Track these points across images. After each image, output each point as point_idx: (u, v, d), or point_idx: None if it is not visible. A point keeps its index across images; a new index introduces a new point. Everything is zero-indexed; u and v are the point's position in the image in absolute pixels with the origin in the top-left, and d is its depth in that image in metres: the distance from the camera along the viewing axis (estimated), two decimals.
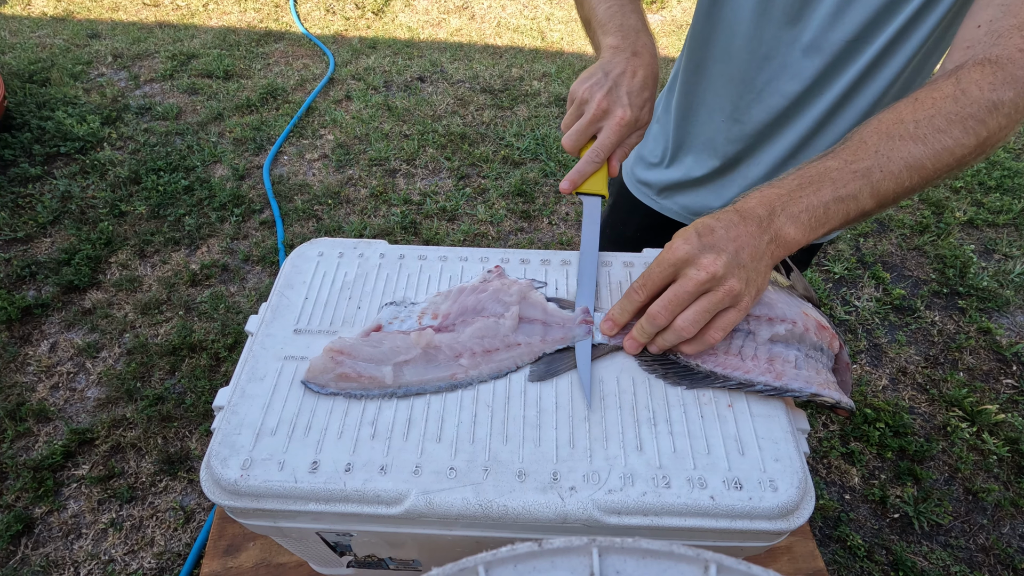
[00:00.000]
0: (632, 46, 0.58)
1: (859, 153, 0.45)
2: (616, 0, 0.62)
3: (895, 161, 0.45)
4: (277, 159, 2.40)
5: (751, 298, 0.45)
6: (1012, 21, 0.46)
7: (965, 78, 0.45)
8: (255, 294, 1.85)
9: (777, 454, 0.43)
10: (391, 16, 3.49)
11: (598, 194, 0.59)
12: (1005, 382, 1.70)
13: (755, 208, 0.45)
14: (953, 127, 0.44)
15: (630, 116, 0.56)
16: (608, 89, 0.56)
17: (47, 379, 1.60)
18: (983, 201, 2.28)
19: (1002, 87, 0.44)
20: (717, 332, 0.45)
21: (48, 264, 1.87)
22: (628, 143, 0.59)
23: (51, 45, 2.98)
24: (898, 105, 0.47)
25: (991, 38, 0.46)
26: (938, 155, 0.45)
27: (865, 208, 0.46)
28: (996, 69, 0.45)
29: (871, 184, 0.45)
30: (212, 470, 0.42)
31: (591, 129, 0.58)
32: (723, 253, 0.43)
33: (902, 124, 0.45)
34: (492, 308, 0.50)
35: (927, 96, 0.46)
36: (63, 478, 1.41)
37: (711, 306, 0.44)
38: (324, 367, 0.46)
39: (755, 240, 0.44)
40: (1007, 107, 0.44)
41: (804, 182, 0.45)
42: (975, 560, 1.35)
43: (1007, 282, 1.97)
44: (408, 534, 0.44)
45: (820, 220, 0.45)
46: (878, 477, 1.48)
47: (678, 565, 0.24)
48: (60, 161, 2.27)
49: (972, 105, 0.44)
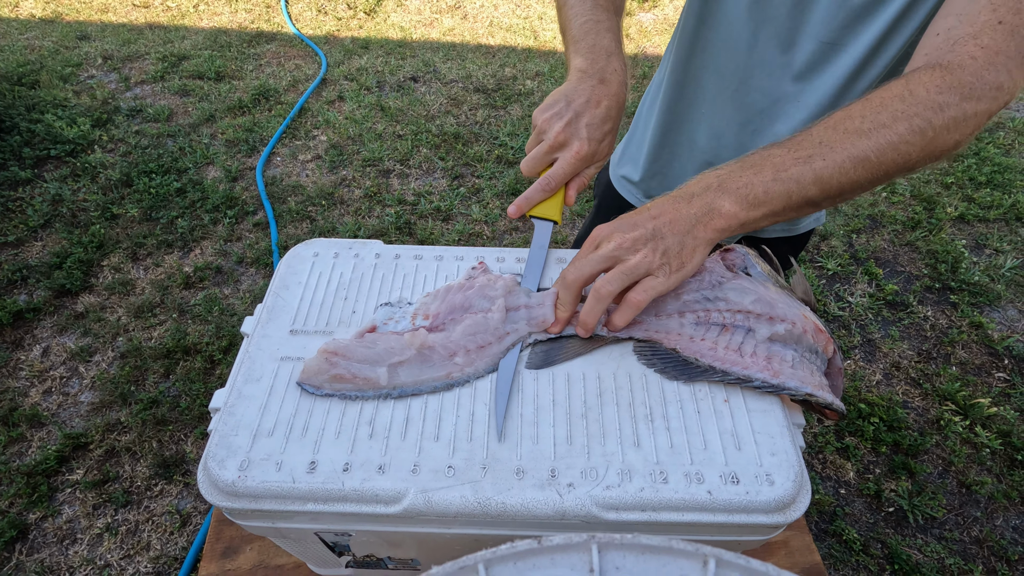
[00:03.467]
0: (600, 72, 0.57)
1: (804, 143, 0.48)
2: (593, 15, 0.60)
3: (838, 152, 0.46)
4: (270, 160, 2.39)
5: (674, 266, 0.47)
6: (968, 30, 0.47)
7: (914, 80, 0.47)
8: (249, 296, 1.84)
9: (773, 448, 0.43)
10: (383, 16, 3.48)
11: (550, 219, 0.58)
12: (997, 376, 1.71)
13: (691, 187, 0.49)
14: (898, 123, 0.46)
15: (587, 150, 0.56)
16: (568, 121, 0.55)
17: (40, 384, 1.59)
18: (974, 196, 2.30)
19: (949, 90, 0.45)
20: (639, 294, 0.47)
21: (39, 268, 1.86)
22: (587, 173, 0.59)
23: (40, 47, 2.95)
24: (850, 104, 0.49)
25: (947, 45, 0.48)
26: (882, 149, 0.46)
27: (808, 195, 0.47)
28: (946, 73, 0.46)
29: (813, 171, 0.46)
30: (209, 471, 0.42)
31: (548, 158, 0.57)
32: (637, 228, 0.47)
33: (850, 119, 0.47)
34: (479, 304, 0.50)
35: (877, 95, 0.48)
36: (57, 483, 1.40)
37: (624, 270, 0.46)
38: (318, 368, 0.46)
39: (681, 215, 0.47)
40: (953, 109, 0.45)
41: (746, 164, 0.48)
42: (969, 552, 1.36)
43: (998, 276, 1.99)
44: (407, 533, 0.44)
45: (759, 198, 0.47)
46: (873, 471, 1.49)
47: (677, 560, 0.24)
48: (50, 164, 2.26)
49: (918, 104, 0.46)
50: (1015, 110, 2.84)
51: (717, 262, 0.53)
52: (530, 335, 0.50)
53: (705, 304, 0.50)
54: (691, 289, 0.51)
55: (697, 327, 0.49)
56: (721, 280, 0.51)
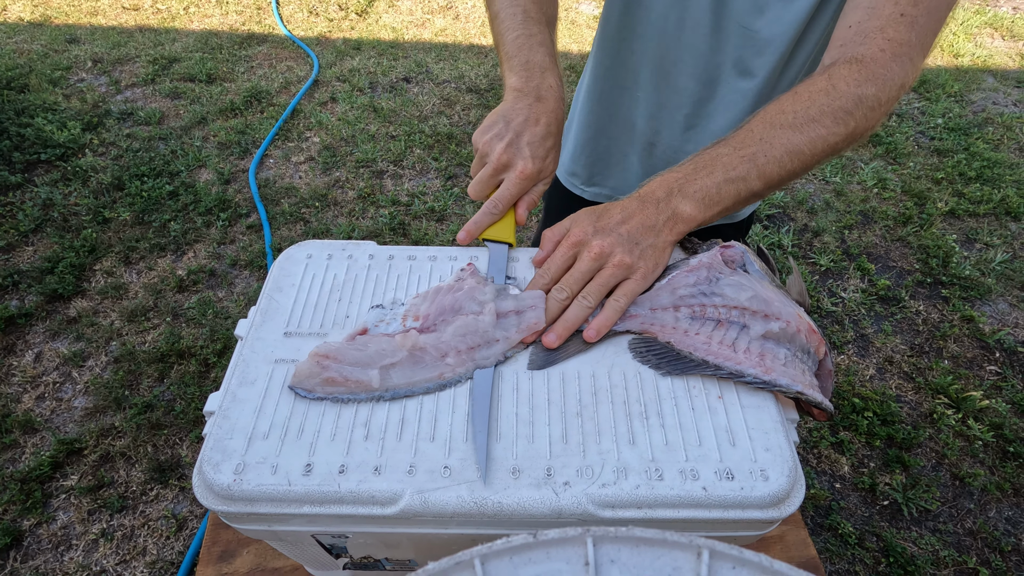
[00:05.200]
0: (536, 90, 0.57)
1: (746, 140, 0.51)
2: (524, 29, 0.60)
3: (777, 147, 0.50)
4: (263, 163, 2.38)
5: (648, 268, 0.50)
6: (876, 23, 0.52)
7: (835, 74, 0.51)
8: (243, 299, 1.83)
9: (767, 444, 0.43)
10: (375, 17, 3.47)
11: (504, 241, 0.57)
12: (988, 369, 1.73)
13: (655, 191, 0.52)
14: (825, 117, 0.50)
15: (531, 169, 0.56)
16: (509, 141, 0.55)
17: (32, 389, 1.57)
18: (964, 192, 2.32)
19: (865, 83, 0.50)
20: (620, 299, 0.50)
21: (31, 273, 1.84)
22: (535, 191, 0.59)
23: (29, 51, 2.93)
24: (782, 98, 0.53)
25: (859, 38, 0.52)
26: (813, 142, 0.51)
27: (754, 189, 0.51)
28: (861, 67, 0.51)
29: (757, 167, 0.50)
30: (205, 475, 0.42)
31: (493, 180, 0.57)
32: (612, 234, 0.50)
33: (783, 114, 0.51)
34: (469, 307, 0.50)
35: (805, 90, 0.52)
36: (51, 489, 1.39)
37: (605, 279, 0.50)
38: (310, 372, 0.46)
39: (651, 219, 0.50)
40: (870, 100, 0.50)
41: (699, 166, 0.52)
42: (963, 544, 1.37)
43: (989, 271, 2.01)
44: (404, 534, 0.44)
45: (714, 199, 0.51)
46: (867, 465, 1.50)
47: (671, 552, 0.25)
48: (41, 168, 2.24)
49: (841, 98, 0.50)
50: (1003, 106, 2.86)
51: (716, 258, 0.53)
52: (510, 350, 0.49)
53: (701, 299, 0.51)
54: (687, 284, 0.52)
55: (692, 321, 0.50)
56: (719, 276, 0.52)
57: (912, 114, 2.77)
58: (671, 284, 0.52)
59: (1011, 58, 3.25)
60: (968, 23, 3.51)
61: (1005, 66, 3.18)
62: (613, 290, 0.50)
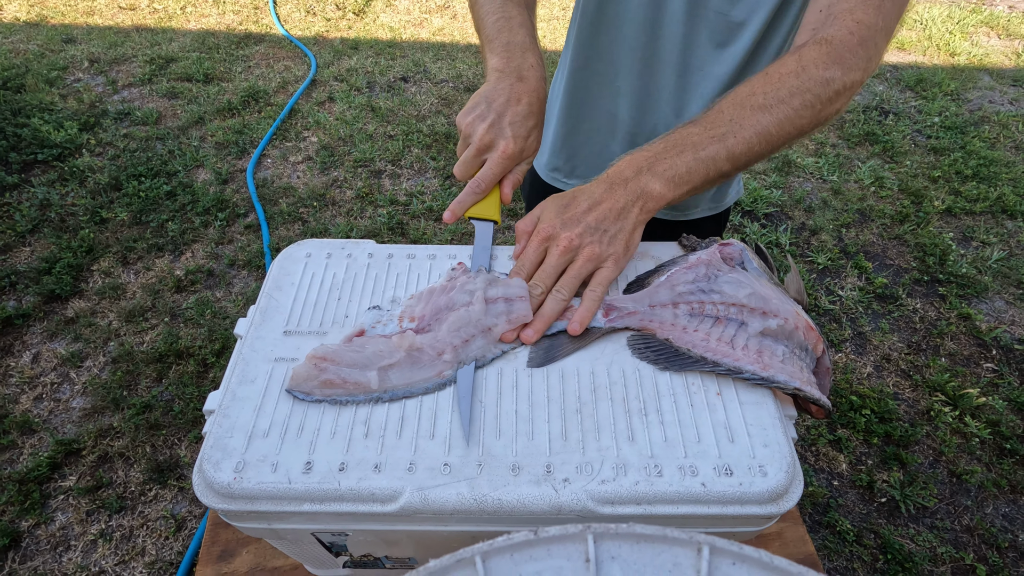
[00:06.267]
0: (517, 70, 0.58)
1: (716, 121, 0.52)
2: (504, 12, 0.61)
3: (746, 128, 0.51)
4: (260, 162, 2.37)
5: (619, 253, 0.51)
6: (845, 6, 0.52)
7: (805, 56, 0.52)
8: (242, 299, 1.83)
9: (766, 440, 0.43)
10: (372, 16, 3.47)
11: (489, 219, 0.58)
12: (985, 366, 1.74)
13: (624, 171, 0.52)
14: (794, 99, 0.51)
15: (513, 148, 0.56)
16: (491, 122, 0.56)
17: (30, 390, 1.57)
18: (960, 190, 2.33)
19: (833, 65, 0.51)
20: (597, 288, 0.50)
21: (28, 273, 1.84)
22: (518, 170, 0.59)
23: (25, 51, 2.92)
24: (753, 79, 0.53)
25: (829, 20, 0.53)
26: (781, 124, 0.51)
27: (722, 169, 0.52)
28: (829, 49, 0.51)
29: (726, 148, 0.51)
30: (205, 474, 0.42)
31: (477, 160, 0.58)
32: (580, 224, 0.51)
33: (753, 96, 0.52)
34: (460, 300, 0.50)
35: (775, 71, 0.52)
36: (50, 490, 1.39)
37: (577, 270, 0.51)
38: (307, 375, 0.46)
39: (619, 202, 0.51)
40: (836, 83, 0.51)
41: (669, 146, 0.52)
42: (960, 541, 1.37)
43: (985, 268, 2.02)
44: (404, 531, 0.44)
45: (683, 178, 0.51)
46: (865, 463, 1.51)
47: (672, 548, 0.25)
48: (37, 168, 2.23)
49: (809, 80, 0.51)
50: (999, 104, 2.87)
51: (715, 255, 0.53)
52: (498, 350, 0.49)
53: (700, 296, 0.51)
54: (686, 281, 0.52)
55: (691, 318, 0.50)
56: (717, 273, 0.52)
57: (909, 113, 2.78)
58: (670, 281, 0.52)
59: (1007, 56, 3.26)
60: (964, 22, 3.51)
61: (1001, 64, 3.19)
62: (589, 279, 0.51)
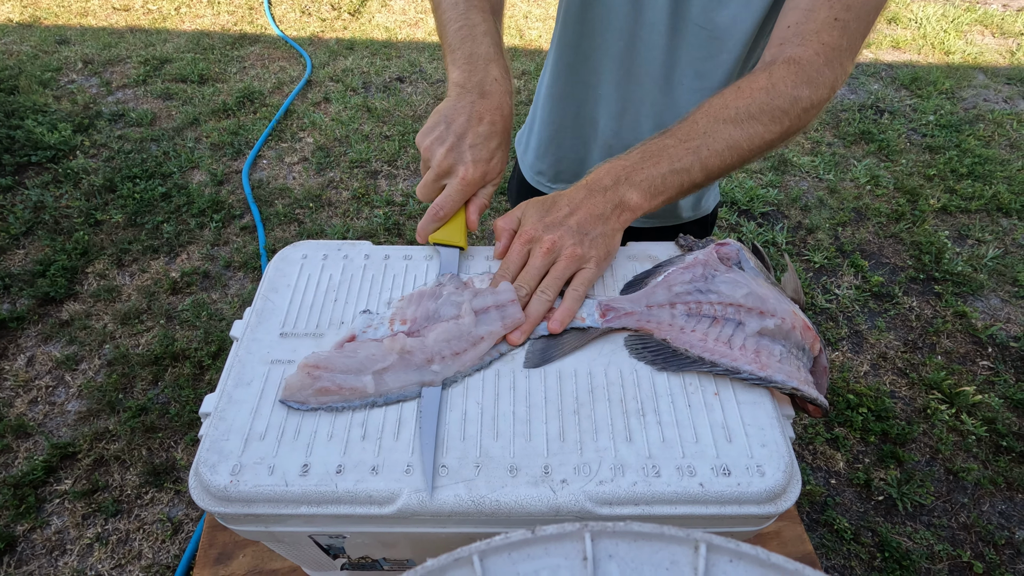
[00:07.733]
0: (480, 84, 0.55)
1: (691, 133, 0.53)
2: (467, 19, 0.58)
3: (719, 141, 0.53)
4: (256, 163, 2.37)
5: (600, 256, 0.52)
6: (812, 26, 0.54)
7: (775, 74, 0.54)
8: (238, 300, 1.83)
9: (763, 440, 0.43)
10: (368, 17, 3.46)
11: (455, 246, 0.55)
12: (981, 364, 1.74)
13: (603, 179, 0.53)
14: (764, 115, 0.53)
15: (472, 175, 0.54)
16: (450, 145, 0.53)
17: (25, 394, 1.56)
18: (956, 188, 2.34)
19: (801, 85, 0.53)
20: (579, 287, 0.51)
21: (22, 276, 1.83)
22: (483, 193, 0.57)
23: (18, 52, 2.91)
24: (725, 92, 0.55)
25: (797, 39, 0.55)
26: (751, 138, 0.53)
27: (696, 180, 0.53)
28: (798, 69, 0.53)
29: (700, 160, 0.52)
30: (201, 477, 0.41)
31: (436, 185, 0.55)
32: (561, 227, 0.51)
33: (726, 109, 0.53)
34: (447, 312, 0.50)
35: (747, 86, 0.54)
36: (45, 494, 1.38)
37: (560, 271, 0.51)
38: (301, 384, 0.45)
39: (598, 208, 0.52)
40: (804, 101, 0.53)
41: (646, 156, 0.53)
42: (957, 538, 1.38)
43: (981, 266, 2.02)
44: (401, 533, 0.44)
45: (659, 188, 0.52)
46: (862, 461, 1.51)
47: (669, 546, 0.25)
48: (31, 171, 2.22)
49: (779, 98, 0.53)
50: (993, 103, 2.89)
51: (712, 255, 0.53)
52: (499, 354, 0.49)
53: (697, 296, 0.51)
54: (683, 281, 0.52)
55: (688, 318, 0.50)
56: (714, 273, 0.52)
57: (904, 111, 2.79)
58: (667, 281, 0.52)
59: (1001, 55, 3.28)
60: (958, 20, 3.53)
61: (995, 63, 3.20)
62: (571, 281, 0.52)
